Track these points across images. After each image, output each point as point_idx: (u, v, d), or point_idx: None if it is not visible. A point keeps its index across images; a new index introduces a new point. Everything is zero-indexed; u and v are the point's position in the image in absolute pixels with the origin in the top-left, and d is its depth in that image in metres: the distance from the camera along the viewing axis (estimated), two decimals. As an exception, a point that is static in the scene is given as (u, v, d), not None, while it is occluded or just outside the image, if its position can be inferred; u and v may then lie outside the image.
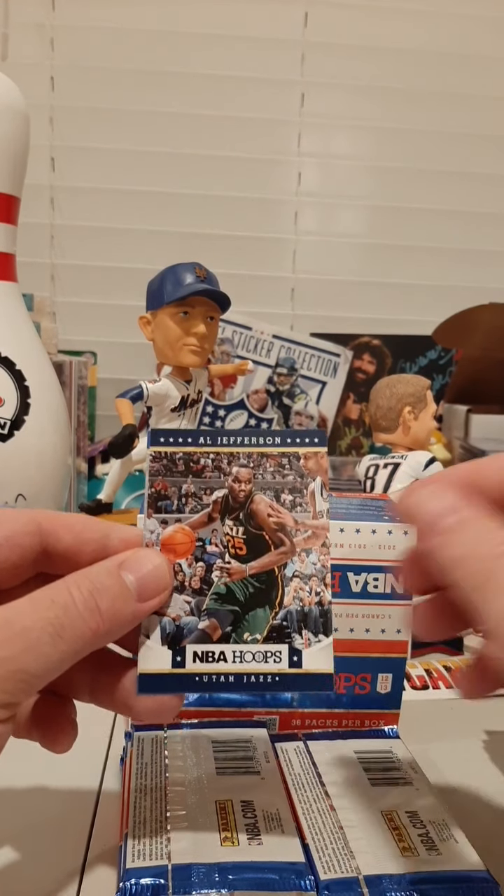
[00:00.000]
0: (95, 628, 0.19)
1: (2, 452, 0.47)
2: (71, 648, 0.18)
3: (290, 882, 0.20)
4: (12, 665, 0.18)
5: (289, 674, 0.20)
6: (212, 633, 0.21)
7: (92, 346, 0.88)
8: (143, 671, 0.20)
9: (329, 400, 0.79)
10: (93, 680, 0.21)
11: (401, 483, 0.46)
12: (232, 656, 0.20)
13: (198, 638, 0.20)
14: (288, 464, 0.22)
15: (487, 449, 0.58)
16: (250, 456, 0.22)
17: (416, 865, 0.21)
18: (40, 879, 0.22)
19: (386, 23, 0.93)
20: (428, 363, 0.85)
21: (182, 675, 0.20)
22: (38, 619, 0.18)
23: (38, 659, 0.18)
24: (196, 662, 0.20)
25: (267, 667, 0.20)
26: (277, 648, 0.20)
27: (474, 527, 0.19)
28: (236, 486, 0.22)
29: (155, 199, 0.94)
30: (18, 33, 0.91)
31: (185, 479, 0.22)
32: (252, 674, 0.20)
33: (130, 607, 0.20)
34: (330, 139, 0.96)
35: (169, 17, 0.91)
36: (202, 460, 0.22)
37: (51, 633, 0.18)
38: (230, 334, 0.78)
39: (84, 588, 0.19)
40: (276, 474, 0.22)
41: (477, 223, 0.97)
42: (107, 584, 0.19)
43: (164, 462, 0.22)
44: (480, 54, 0.95)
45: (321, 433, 0.22)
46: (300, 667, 0.20)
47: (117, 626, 0.19)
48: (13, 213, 0.52)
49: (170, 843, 0.22)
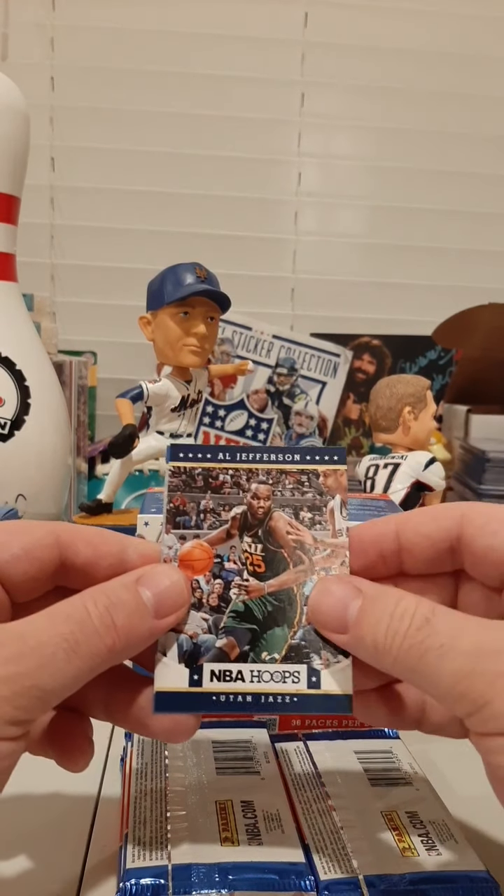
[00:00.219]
0: (111, 645, 0.18)
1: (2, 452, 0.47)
2: (86, 665, 0.18)
3: (290, 882, 0.20)
4: (27, 681, 0.17)
5: (307, 694, 0.20)
6: (229, 651, 0.20)
7: (92, 346, 0.89)
8: (160, 689, 0.20)
9: (329, 400, 0.79)
10: (108, 697, 0.21)
11: (401, 483, 0.46)
12: (249, 676, 0.20)
13: (215, 656, 0.20)
14: (307, 481, 0.22)
15: (487, 449, 0.58)
16: (269, 472, 0.22)
17: (416, 866, 0.21)
18: (41, 879, 0.22)
19: (386, 23, 0.93)
20: (428, 363, 0.85)
21: (199, 694, 0.20)
22: (54, 635, 0.18)
23: (53, 675, 0.18)
24: (213, 681, 0.20)
25: (285, 687, 0.20)
26: (296, 668, 0.20)
27: (384, 601, 0.19)
28: (255, 503, 0.21)
29: (155, 200, 0.94)
30: (19, 33, 0.91)
31: (203, 495, 0.22)
32: (270, 694, 0.20)
33: (147, 624, 0.19)
34: (330, 139, 0.96)
35: (169, 18, 0.92)
36: (221, 476, 0.22)
37: (66, 649, 0.18)
38: (230, 334, 0.78)
39: (100, 603, 0.19)
40: (296, 491, 0.22)
41: (477, 223, 0.97)
42: (123, 600, 0.19)
43: (182, 477, 0.22)
44: (480, 54, 0.95)
45: (341, 451, 0.22)
46: (319, 688, 0.20)
47: (133, 642, 0.19)
48: (13, 213, 0.52)
49: (170, 843, 0.22)
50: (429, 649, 0.18)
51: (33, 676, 0.17)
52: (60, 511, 0.53)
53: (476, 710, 0.17)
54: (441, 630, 0.18)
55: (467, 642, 0.17)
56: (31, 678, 0.17)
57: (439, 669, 0.17)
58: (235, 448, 0.22)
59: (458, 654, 0.17)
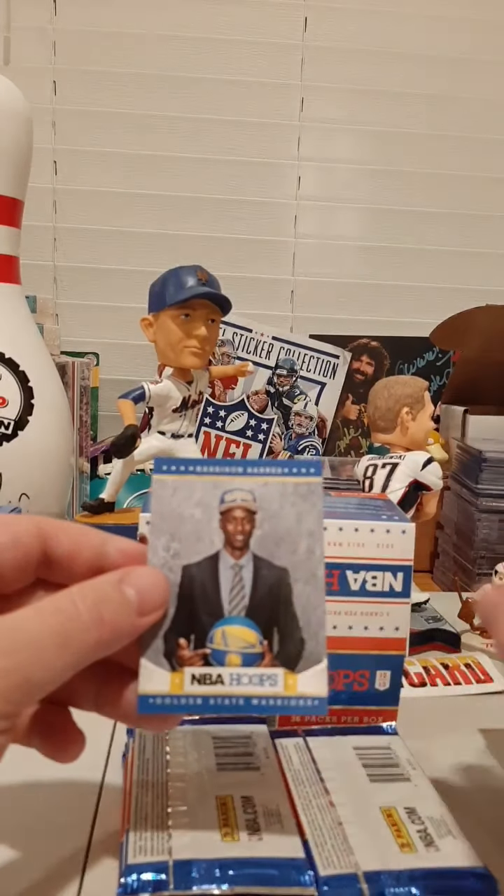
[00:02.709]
0: (98, 638, 0.19)
1: (6, 452, 0.47)
2: (74, 658, 0.19)
3: (289, 877, 0.21)
4: (17, 675, 0.18)
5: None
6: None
7: (94, 347, 0.89)
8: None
9: (328, 401, 0.79)
10: (97, 691, 0.22)
11: (399, 483, 0.46)
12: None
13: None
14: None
15: (484, 449, 0.58)
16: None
17: (415, 861, 0.21)
18: (43, 874, 0.23)
19: (385, 27, 0.94)
20: (426, 364, 0.85)
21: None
22: (45, 629, 0.18)
23: (44, 669, 0.18)
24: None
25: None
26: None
27: None
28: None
29: (157, 203, 0.94)
30: (21, 37, 0.92)
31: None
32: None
33: (131, 620, 0.20)
34: (329, 143, 0.96)
35: (170, 22, 0.92)
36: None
37: (57, 643, 0.18)
38: (231, 336, 0.78)
39: (89, 598, 0.19)
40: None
41: (473, 226, 0.97)
42: (110, 596, 0.20)
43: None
44: (478, 59, 0.95)
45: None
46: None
47: (118, 637, 0.20)
48: (16, 216, 0.52)
49: (171, 838, 0.22)
50: None
51: (25, 670, 0.18)
52: (63, 510, 0.53)
53: None
54: None
55: None
56: (21, 672, 0.18)
57: None
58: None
59: None
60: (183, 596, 0.21)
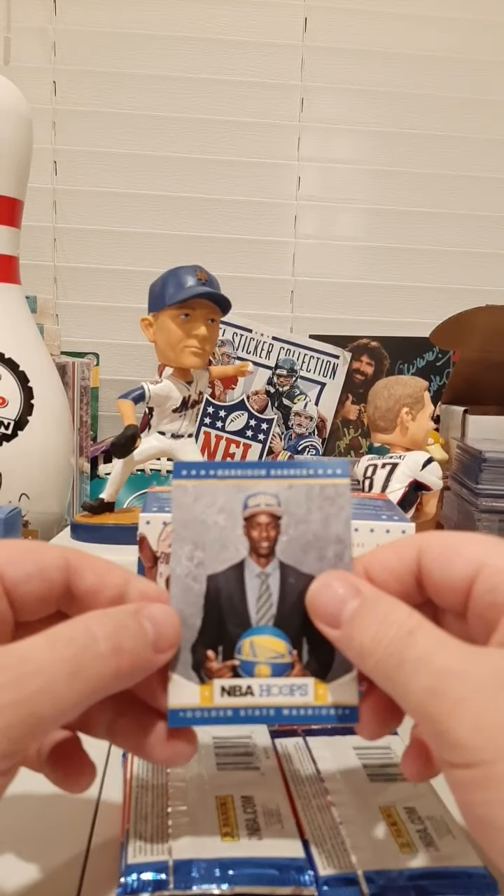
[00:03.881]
0: (117, 668, 0.18)
1: (6, 452, 0.47)
2: (88, 689, 0.17)
3: (290, 877, 0.20)
4: (23, 709, 0.16)
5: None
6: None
7: (94, 347, 0.89)
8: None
9: (328, 401, 0.80)
10: (112, 721, 0.21)
11: (399, 482, 0.46)
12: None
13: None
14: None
15: (484, 449, 0.58)
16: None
17: (415, 861, 0.21)
18: (42, 875, 0.23)
19: (385, 27, 0.94)
20: (425, 364, 0.85)
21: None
22: (55, 658, 0.17)
23: (52, 701, 0.17)
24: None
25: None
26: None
27: (378, 607, 0.19)
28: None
29: (157, 203, 0.94)
30: (21, 37, 0.92)
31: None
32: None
33: (148, 654, 0.19)
34: (329, 143, 0.96)
35: (170, 22, 0.92)
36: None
37: (68, 672, 0.17)
38: (231, 336, 0.78)
39: (108, 626, 0.18)
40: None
41: (474, 226, 0.97)
42: (129, 625, 0.19)
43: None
44: (479, 58, 0.95)
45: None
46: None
47: (136, 671, 0.19)
48: (17, 217, 0.52)
49: (171, 838, 0.22)
50: (406, 661, 0.17)
51: (31, 703, 0.16)
52: (63, 510, 0.54)
53: (438, 734, 0.17)
54: (420, 644, 0.18)
55: (439, 660, 0.17)
56: (28, 705, 0.16)
57: (411, 683, 0.17)
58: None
59: (430, 670, 0.17)
60: (209, 607, 0.21)
